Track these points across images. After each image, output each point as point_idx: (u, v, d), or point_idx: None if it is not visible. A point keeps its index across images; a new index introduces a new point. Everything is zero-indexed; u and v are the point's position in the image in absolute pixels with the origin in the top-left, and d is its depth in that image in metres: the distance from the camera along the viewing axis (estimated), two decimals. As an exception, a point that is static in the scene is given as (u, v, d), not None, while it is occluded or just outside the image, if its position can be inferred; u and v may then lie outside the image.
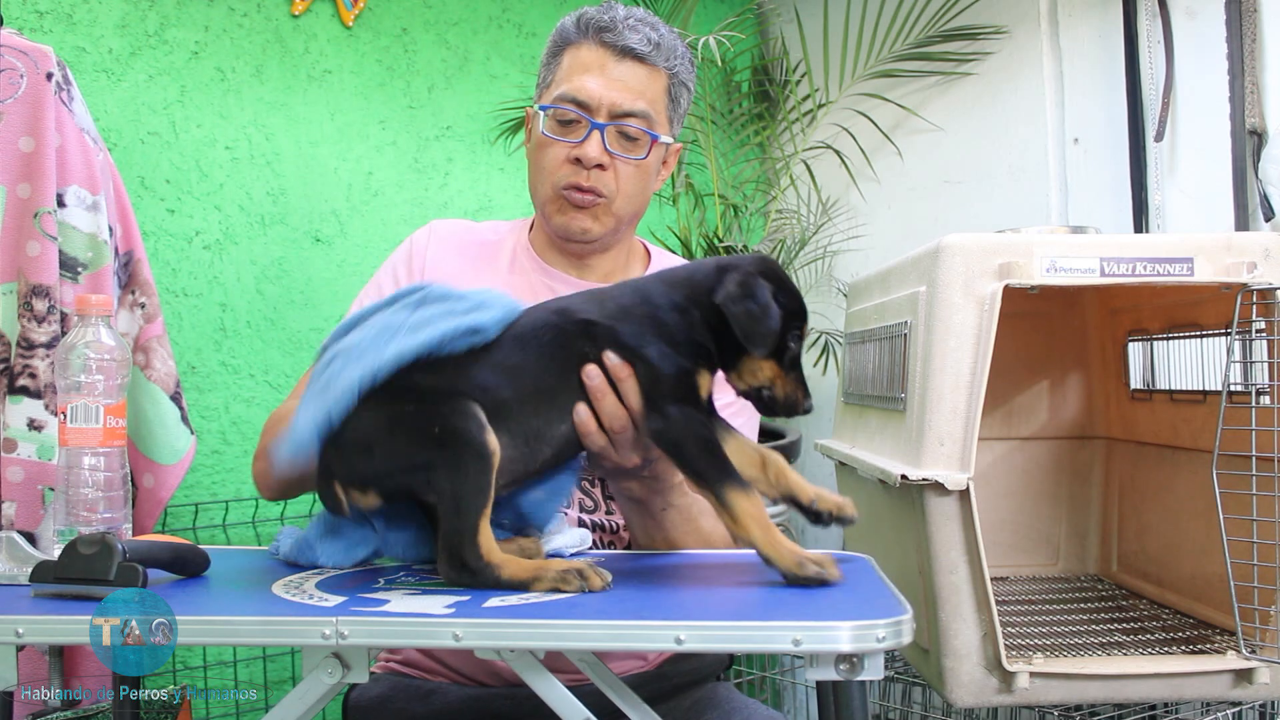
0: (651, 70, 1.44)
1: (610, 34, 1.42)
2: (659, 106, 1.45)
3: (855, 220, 3.06)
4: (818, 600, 1.01)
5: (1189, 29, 2.39)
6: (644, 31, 1.44)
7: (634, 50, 1.42)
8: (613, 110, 1.42)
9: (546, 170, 1.46)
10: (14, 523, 1.72)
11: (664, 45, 1.44)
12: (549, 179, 1.46)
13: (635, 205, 1.49)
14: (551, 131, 1.44)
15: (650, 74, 1.44)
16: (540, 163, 1.47)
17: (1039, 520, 2.21)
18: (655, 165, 1.49)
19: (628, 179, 1.46)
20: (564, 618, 0.91)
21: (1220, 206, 2.30)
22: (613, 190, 1.45)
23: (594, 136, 1.42)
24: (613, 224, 1.48)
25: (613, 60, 1.42)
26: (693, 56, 1.52)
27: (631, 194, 1.47)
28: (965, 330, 1.58)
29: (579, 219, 1.46)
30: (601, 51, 1.43)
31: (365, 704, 1.43)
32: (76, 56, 2.13)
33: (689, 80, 1.51)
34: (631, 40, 1.42)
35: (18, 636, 0.93)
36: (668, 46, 1.45)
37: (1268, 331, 1.57)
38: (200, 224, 2.30)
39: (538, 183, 1.49)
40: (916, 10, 2.88)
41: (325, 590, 1.04)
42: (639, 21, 1.45)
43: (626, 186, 1.46)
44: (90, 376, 1.16)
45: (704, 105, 2.99)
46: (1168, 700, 1.86)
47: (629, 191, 1.46)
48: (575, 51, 1.45)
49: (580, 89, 1.42)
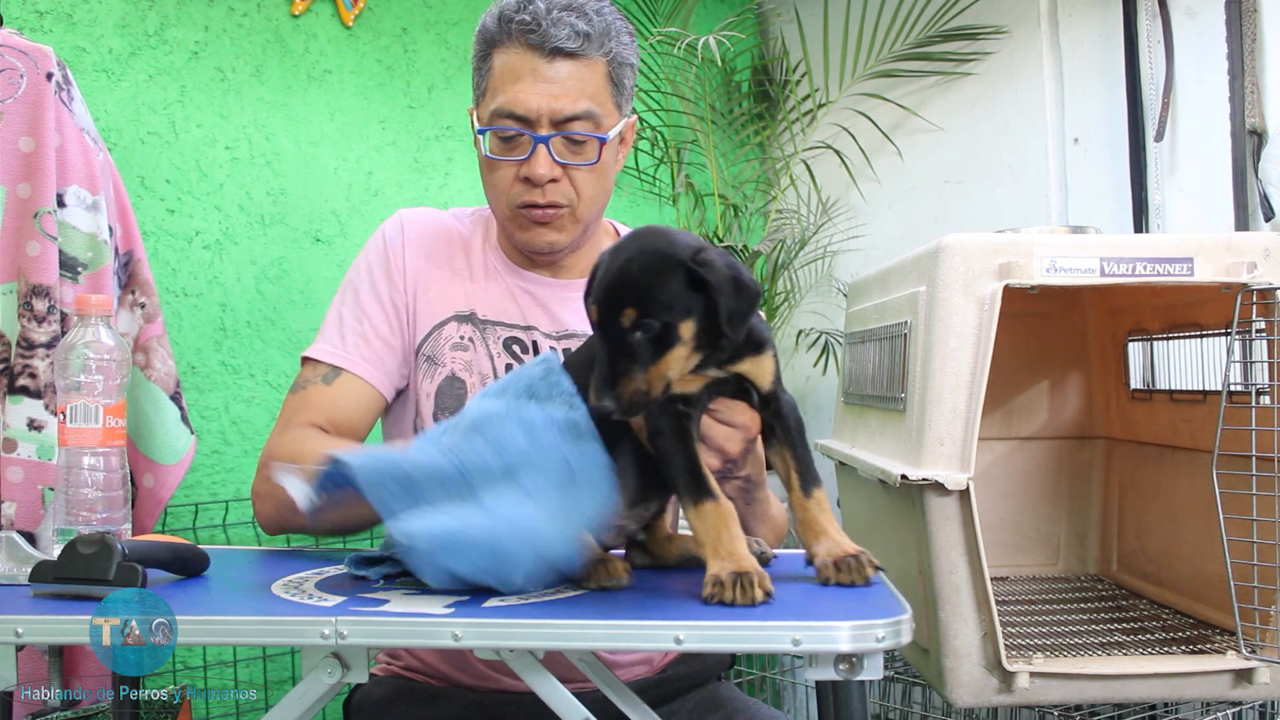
0: (587, 63, 1.33)
1: (534, 34, 1.31)
2: (602, 98, 1.35)
3: (855, 220, 3.06)
4: (817, 600, 1.01)
5: (1189, 29, 2.39)
6: (570, 23, 1.32)
7: (563, 49, 1.31)
8: (554, 118, 1.33)
9: (499, 189, 1.39)
10: (14, 523, 1.72)
11: (595, 32, 1.33)
12: (503, 198, 1.39)
13: (598, 204, 1.43)
14: (495, 152, 1.36)
15: (586, 67, 1.33)
16: (491, 181, 1.40)
17: (1039, 520, 2.21)
18: (610, 160, 1.41)
19: (585, 183, 1.38)
20: (563, 618, 0.91)
21: (1220, 206, 2.30)
22: (572, 198, 1.38)
23: (539, 152, 1.34)
24: (578, 229, 1.42)
25: (543, 62, 1.32)
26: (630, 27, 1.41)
27: (592, 195, 1.40)
28: (965, 330, 1.58)
29: (543, 234, 1.40)
30: (529, 54, 1.32)
31: (369, 706, 1.42)
32: (76, 56, 2.13)
33: (631, 56, 1.40)
34: (559, 38, 1.31)
35: (17, 636, 0.93)
36: (599, 32, 1.34)
37: (1268, 331, 1.57)
38: (200, 224, 2.30)
39: (493, 200, 1.42)
40: (916, 10, 2.88)
41: (325, 590, 1.04)
42: (563, 11, 1.32)
43: (586, 190, 1.38)
44: (90, 376, 1.16)
45: (704, 105, 3.00)
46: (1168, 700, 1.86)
47: (589, 194, 1.39)
48: (503, 55, 1.34)
49: (515, 101, 1.32)
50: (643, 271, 0.99)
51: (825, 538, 1.05)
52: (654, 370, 0.99)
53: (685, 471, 1.03)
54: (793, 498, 1.07)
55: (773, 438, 1.11)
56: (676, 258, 0.99)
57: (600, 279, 1.00)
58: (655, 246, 1.00)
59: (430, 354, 1.43)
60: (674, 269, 0.99)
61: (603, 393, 0.98)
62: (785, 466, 1.09)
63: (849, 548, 1.04)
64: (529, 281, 1.47)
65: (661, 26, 2.85)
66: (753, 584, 0.94)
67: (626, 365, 0.98)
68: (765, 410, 1.10)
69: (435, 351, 1.43)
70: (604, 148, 1.37)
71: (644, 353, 0.98)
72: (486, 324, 1.44)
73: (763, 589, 0.94)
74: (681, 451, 1.04)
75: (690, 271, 0.98)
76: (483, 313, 1.44)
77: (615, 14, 1.38)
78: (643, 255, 1.00)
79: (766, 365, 1.09)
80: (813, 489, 1.07)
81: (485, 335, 1.43)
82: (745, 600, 0.93)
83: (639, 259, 0.99)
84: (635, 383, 0.98)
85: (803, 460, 1.08)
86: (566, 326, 1.45)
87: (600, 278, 1.00)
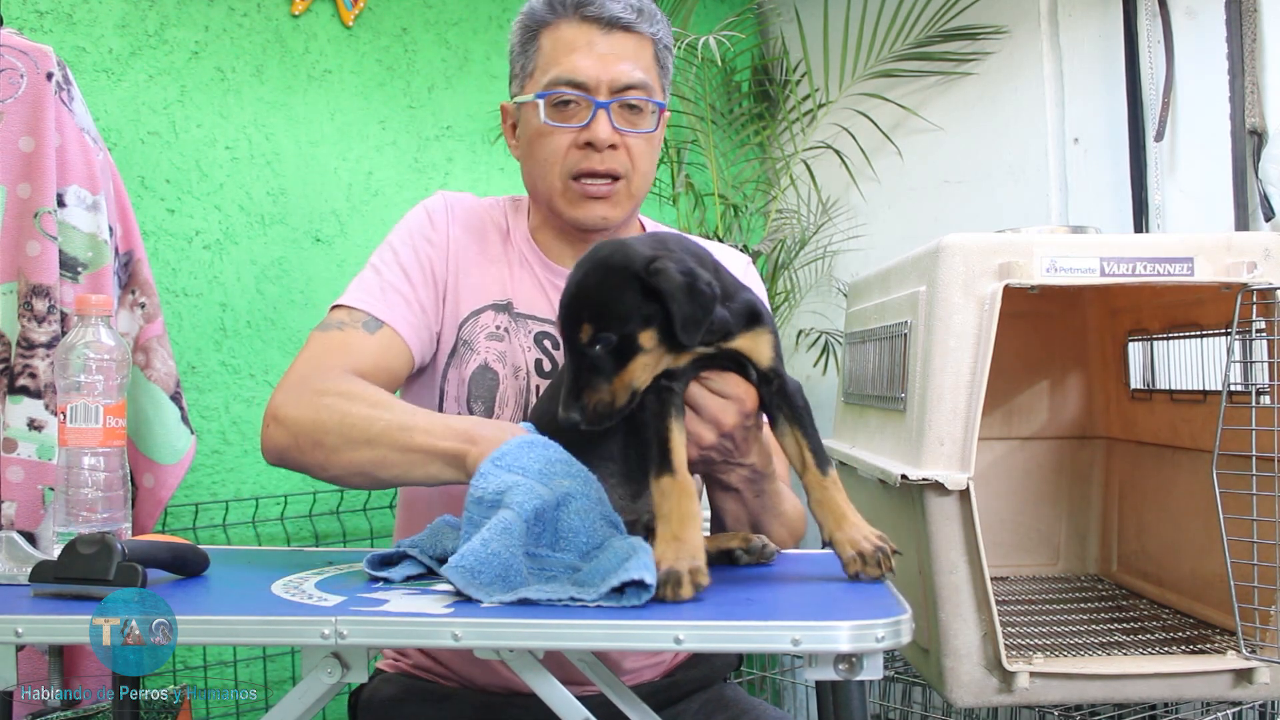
0: (639, 38, 1.37)
1: (591, 7, 1.34)
2: (653, 74, 1.39)
3: (855, 220, 3.06)
4: (817, 600, 1.01)
5: (1189, 29, 2.39)
6: None
7: (620, 20, 1.35)
8: (613, 86, 1.34)
9: (550, 161, 1.37)
10: (14, 523, 1.72)
11: (645, 10, 1.38)
12: (555, 169, 1.37)
13: (649, 181, 1.43)
14: (552, 118, 1.35)
15: (639, 42, 1.37)
16: (540, 155, 1.38)
17: (1039, 520, 2.21)
18: (660, 136, 1.43)
19: (641, 154, 1.38)
20: (564, 618, 0.91)
21: (1220, 206, 2.30)
22: (628, 168, 1.37)
23: (600, 116, 1.34)
24: (630, 206, 1.41)
25: (599, 34, 1.35)
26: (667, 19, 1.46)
27: (646, 170, 1.40)
28: (965, 330, 1.58)
29: (596, 208, 1.38)
30: (585, 27, 1.35)
31: (376, 704, 1.41)
32: (76, 56, 2.13)
33: (671, 44, 1.44)
34: (615, 9, 1.35)
35: (17, 636, 0.93)
36: (649, 11, 1.39)
37: (1268, 331, 1.57)
38: (200, 224, 2.30)
39: (541, 176, 1.39)
40: (916, 10, 2.88)
41: (325, 590, 1.04)
42: None
43: (641, 163, 1.39)
44: (90, 376, 1.16)
45: (704, 105, 3.00)
46: (1168, 700, 1.86)
47: (644, 168, 1.40)
48: (554, 32, 1.37)
49: (574, 69, 1.34)
50: (597, 286, 1.02)
51: (845, 522, 1.05)
52: (618, 381, 1.02)
53: (655, 444, 1.05)
54: (807, 478, 1.08)
55: (780, 420, 1.11)
56: (630, 269, 1.01)
57: (561, 297, 1.04)
58: (609, 260, 1.03)
59: (467, 339, 1.40)
60: (627, 281, 1.01)
61: (569, 405, 1.02)
62: (797, 447, 1.09)
63: (871, 536, 1.05)
64: (561, 277, 1.42)
65: (661, 26, 2.85)
66: (680, 583, 0.95)
67: (589, 378, 1.02)
68: (767, 389, 1.11)
69: (471, 337, 1.40)
70: (661, 116, 1.39)
71: (606, 365, 1.02)
72: (521, 316, 1.42)
73: (692, 584, 0.95)
74: (656, 425, 1.05)
75: (643, 281, 1.00)
76: (519, 304, 1.42)
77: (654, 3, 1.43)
78: (596, 270, 1.03)
79: (763, 340, 1.10)
80: (828, 468, 1.08)
81: (520, 327, 1.41)
82: (673, 598, 0.95)
83: (593, 274, 1.03)
84: (599, 394, 1.02)
85: (813, 439, 1.09)
86: None
87: (563, 295, 1.04)
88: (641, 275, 1.01)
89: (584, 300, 1.02)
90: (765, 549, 1.17)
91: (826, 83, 3.06)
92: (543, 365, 1.40)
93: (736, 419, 1.11)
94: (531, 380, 1.39)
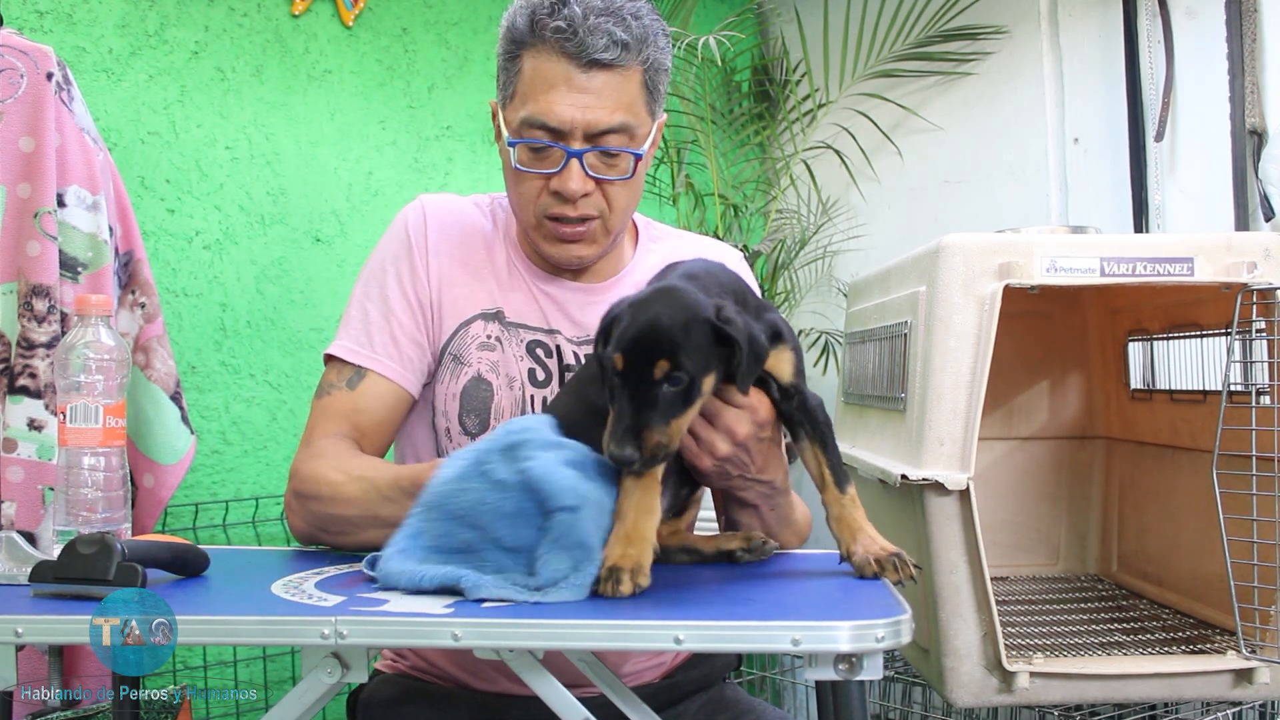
0: (624, 73, 1.26)
1: (570, 42, 1.24)
2: (637, 107, 1.29)
3: (855, 220, 3.06)
4: (817, 600, 1.01)
5: (1189, 29, 2.39)
6: (608, 30, 1.24)
7: (600, 60, 1.24)
8: (588, 131, 1.26)
9: (524, 201, 1.33)
10: (14, 523, 1.72)
11: (633, 40, 1.26)
12: (530, 209, 1.33)
13: (629, 214, 1.39)
14: (525, 164, 1.30)
15: (622, 78, 1.27)
16: (516, 189, 1.34)
17: (1039, 520, 2.21)
18: (643, 171, 1.35)
19: (617, 196, 1.32)
20: (563, 618, 0.91)
21: (1220, 206, 2.30)
22: (603, 209, 1.32)
23: (572, 167, 1.27)
24: (609, 240, 1.37)
25: (578, 73, 1.24)
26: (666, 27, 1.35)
27: (624, 207, 1.35)
28: (965, 330, 1.58)
29: (571, 249, 1.35)
30: (563, 63, 1.25)
31: (375, 705, 1.40)
32: (76, 56, 2.13)
33: (666, 60, 1.33)
34: (596, 48, 1.23)
35: (17, 636, 0.93)
36: (637, 39, 1.26)
37: (1268, 331, 1.57)
38: (200, 224, 2.30)
39: (518, 207, 1.36)
40: (916, 10, 2.88)
41: (324, 590, 1.04)
42: (601, 16, 1.24)
43: (618, 202, 1.33)
44: (90, 376, 1.16)
45: (704, 105, 3.00)
46: (1168, 700, 1.86)
47: (621, 206, 1.34)
48: (534, 59, 1.27)
49: (547, 112, 1.25)
50: (674, 326, 1.00)
51: (862, 534, 1.08)
52: (675, 423, 1.01)
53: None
54: (827, 495, 1.10)
55: (801, 435, 1.13)
56: (703, 315, 1.01)
57: (629, 330, 1.00)
58: (684, 302, 1.02)
59: (456, 353, 1.39)
60: (701, 324, 1.01)
61: (625, 442, 0.98)
62: (817, 464, 1.11)
63: (888, 546, 1.07)
64: (551, 285, 1.42)
65: (661, 26, 2.85)
66: (620, 581, 0.97)
67: (649, 416, 0.99)
68: (788, 404, 1.12)
69: (461, 350, 1.38)
70: (638, 164, 1.32)
71: (669, 405, 1.00)
72: (512, 325, 1.40)
73: (632, 583, 0.97)
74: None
75: (715, 329, 1.01)
76: (510, 312, 1.40)
77: (652, 14, 1.31)
78: (673, 310, 1.01)
79: (785, 357, 1.11)
80: (846, 485, 1.10)
81: (512, 336, 1.40)
82: (614, 594, 0.97)
83: (669, 313, 1.00)
84: (657, 434, 1.00)
85: (833, 457, 1.11)
86: (590, 331, 1.39)
87: (629, 328, 1.00)
88: (714, 322, 1.01)
89: (661, 338, 0.99)
90: (765, 545, 1.18)
91: (826, 83, 3.06)
92: (536, 375, 1.39)
93: (750, 428, 1.11)
94: (526, 390, 1.38)
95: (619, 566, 0.98)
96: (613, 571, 0.98)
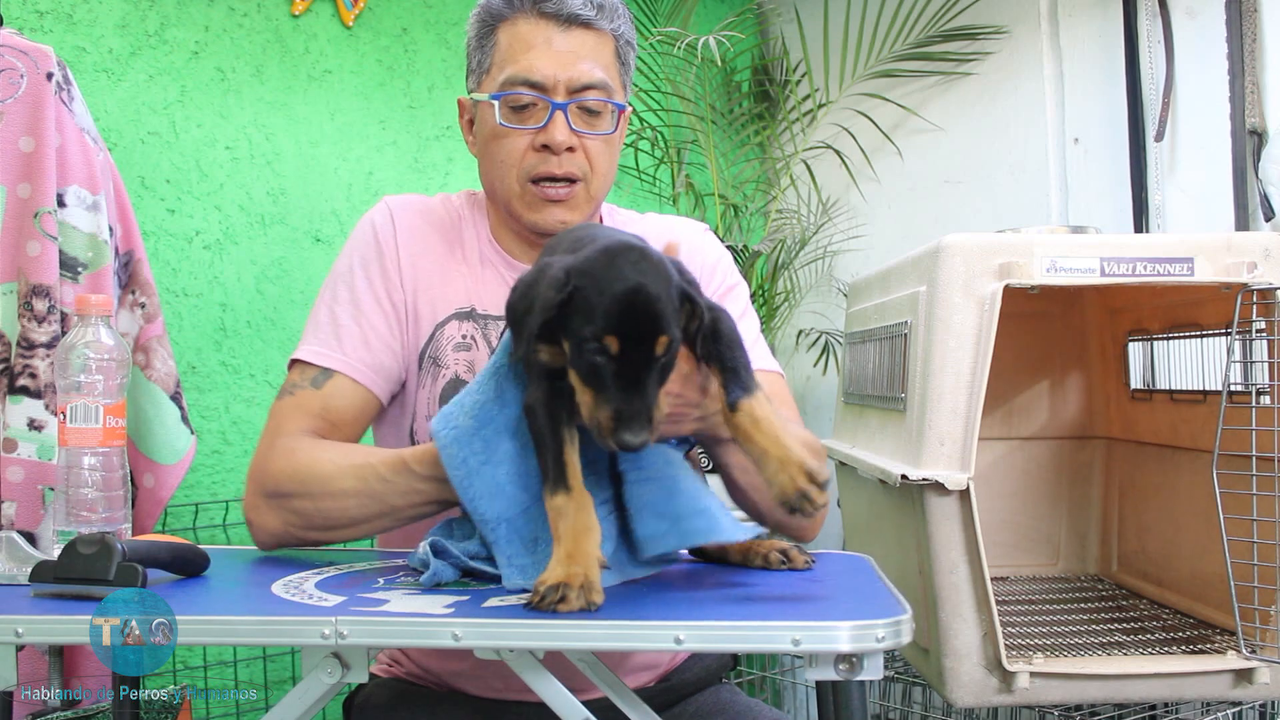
0: (599, 35, 1.33)
1: (549, 3, 1.31)
2: (613, 73, 1.35)
3: (855, 220, 3.06)
4: (817, 600, 1.01)
5: (1189, 29, 2.39)
6: None
7: (579, 16, 1.31)
8: (570, 86, 1.31)
9: (507, 164, 1.34)
10: (14, 523, 1.72)
11: (606, 5, 1.34)
12: (512, 172, 1.34)
13: (609, 183, 1.40)
14: (508, 120, 1.32)
15: (599, 39, 1.33)
16: (498, 155, 1.35)
17: (1039, 520, 2.21)
18: (621, 137, 1.39)
19: (599, 156, 1.35)
20: (563, 618, 0.91)
21: (1220, 206, 2.30)
22: (586, 171, 1.34)
23: (557, 118, 1.31)
24: (590, 208, 1.38)
25: (558, 31, 1.31)
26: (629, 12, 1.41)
27: (605, 171, 1.37)
28: (965, 330, 1.58)
29: (555, 212, 1.35)
30: (543, 23, 1.31)
31: (370, 709, 1.40)
32: (76, 56, 2.13)
33: (633, 38, 1.40)
34: (574, 5, 1.31)
35: (17, 636, 0.93)
36: (610, 6, 1.34)
37: (1268, 331, 1.57)
38: (200, 224, 2.30)
39: (498, 178, 1.36)
40: (916, 10, 2.88)
41: (325, 590, 1.04)
42: None
43: (600, 164, 1.35)
44: (90, 376, 1.16)
45: (704, 105, 3.00)
46: (1168, 700, 1.86)
47: (603, 169, 1.36)
48: (511, 28, 1.33)
49: (530, 68, 1.30)
50: (663, 296, 0.93)
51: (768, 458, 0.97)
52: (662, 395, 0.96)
53: (550, 455, 1.00)
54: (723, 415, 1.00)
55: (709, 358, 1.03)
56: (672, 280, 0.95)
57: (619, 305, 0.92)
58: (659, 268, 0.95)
59: (434, 356, 1.38)
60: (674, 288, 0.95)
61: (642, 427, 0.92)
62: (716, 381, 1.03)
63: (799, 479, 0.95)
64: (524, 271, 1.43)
65: (661, 26, 2.85)
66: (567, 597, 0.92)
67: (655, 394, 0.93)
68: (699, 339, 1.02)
69: (438, 353, 1.38)
70: (620, 117, 1.36)
71: (659, 378, 0.94)
72: (487, 318, 1.39)
73: (584, 600, 0.92)
74: (550, 432, 1.00)
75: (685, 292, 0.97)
76: (482, 306, 1.39)
77: None
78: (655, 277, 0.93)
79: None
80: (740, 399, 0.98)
81: (486, 331, 1.39)
82: (564, 609, 0.91)
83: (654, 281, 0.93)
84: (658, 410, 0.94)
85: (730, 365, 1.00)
86: None
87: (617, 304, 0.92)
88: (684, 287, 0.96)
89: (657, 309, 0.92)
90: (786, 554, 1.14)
91: (826, 83, 3.06)
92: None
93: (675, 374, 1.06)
94: None
95: (565, 583, 0.92)
96: (558, 588, 0.92)
